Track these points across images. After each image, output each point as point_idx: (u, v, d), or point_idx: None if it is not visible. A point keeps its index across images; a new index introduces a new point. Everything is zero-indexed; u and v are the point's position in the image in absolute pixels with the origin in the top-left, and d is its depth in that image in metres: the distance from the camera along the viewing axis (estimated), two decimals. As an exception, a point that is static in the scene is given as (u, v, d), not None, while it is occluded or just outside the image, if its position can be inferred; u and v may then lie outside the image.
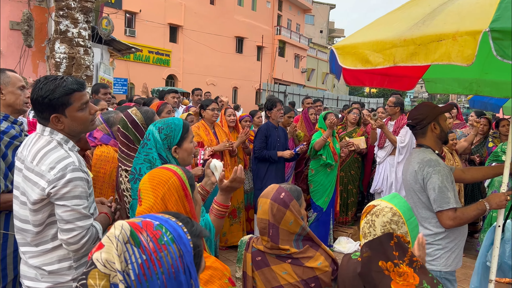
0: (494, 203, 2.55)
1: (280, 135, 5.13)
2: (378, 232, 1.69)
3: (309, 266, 1.84)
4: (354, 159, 6.08)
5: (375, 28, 2.62)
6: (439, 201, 2.47)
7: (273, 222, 1.84)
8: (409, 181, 2.64)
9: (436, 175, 2.49)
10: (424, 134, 2.70)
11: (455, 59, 1.94)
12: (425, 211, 2.58)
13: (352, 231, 5.79)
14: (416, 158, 2.62)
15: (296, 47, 37.76)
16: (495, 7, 1.95)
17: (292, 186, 1.96)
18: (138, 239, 0.90)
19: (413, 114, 2.74)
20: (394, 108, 5.75)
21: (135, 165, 2.14)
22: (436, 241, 2.57)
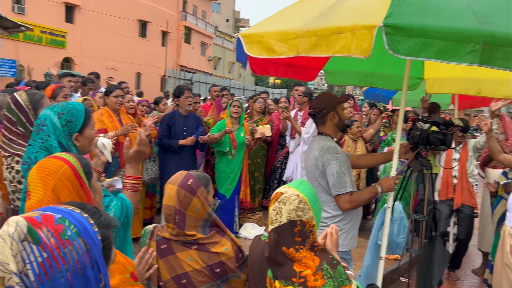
0: (385, 186, 2.80)
1: (188, 124, 5.02)
2: (284, 219, 1.73)
3: (214, 251, 1.84)
4: (260, 147, 6.22)
5: (280, 18, 2.68)
6: (337, 185, 2.61)
7: (180, 209, 1.81)
8: (310, 167, 2.76)
9: (335, 161, 2.63)
10: (324, 123, 2.83)
11: (354, 52, 2.06)
12: (325, 195, 2.72)
13: (257, 217, 5.93)
14: (317, 145, 2.75)
15: (203, 34, 37.37)
16: (388, 4, 2.10)
17: (200, 173, 1.95)
18: (37, 236, 0.83)
19: (314, 104, 2.86)
20: (302, 98, 5.96)
21: (29, 153, 1.94)
22: (334, 223, 2.71)
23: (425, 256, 3.19)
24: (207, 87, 30.59)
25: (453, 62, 1.99)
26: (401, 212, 3.28)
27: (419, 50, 1.97)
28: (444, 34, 1.97)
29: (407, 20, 2.01)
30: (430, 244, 3.20)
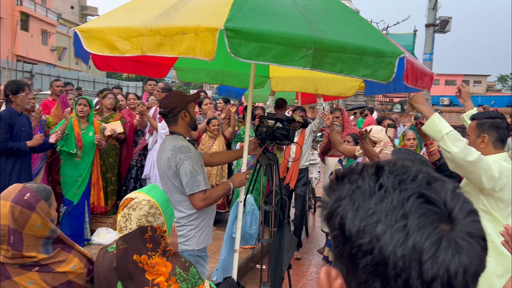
0: (236, 181, 2.91)
1: (25, 124, 4.49)
2: (134, 226, 1.67)
3: (60, 271, 1.70)
4: (112, 146, 5.87)
5: (122, 14, 2.54)
6: (190, 184, 2.62)
7: (15, 227, 1.61)
8: (163, 168, 2.72)
9: (187, 160, 2.63)
10: (176, 122, 2.79)
11: (199, 54, 2.07)
12: (179, 195, 2.70)
13: (111, 221, 5.62)
14: (169, 145, 2.71)
15: (43, 22, 33.65)
16: (229, 7, 2.16)
17: (40, 185, 1.75)
18: None
19: (164, 103, 2.80)
20: (161, 94, 5.80)
21: None
22: (189, 222, 2.73)
23: (275, 244, 3.42)
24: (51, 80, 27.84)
25: (288, 66, 2.14)
26: (253, 204, 3.45)
27: (258, 54, 2.07)
28: (280, 39, 2.11)
29: (247, 24, 2.09)
30: (279, 232, 3.44)
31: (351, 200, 0.61)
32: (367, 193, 0.60)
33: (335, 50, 2.20)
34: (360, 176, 0.63)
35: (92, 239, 5.15)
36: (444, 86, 52.35)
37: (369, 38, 2.37)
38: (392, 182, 0.60)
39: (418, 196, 0.57)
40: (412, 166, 0.63)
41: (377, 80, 2.26)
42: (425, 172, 0.62)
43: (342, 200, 0.62)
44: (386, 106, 22.92)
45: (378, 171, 0.63)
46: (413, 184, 0.59)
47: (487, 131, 2.51)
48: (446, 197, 0.58)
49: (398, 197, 0.58)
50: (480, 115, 2.63)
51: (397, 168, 0.62)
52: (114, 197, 6.03)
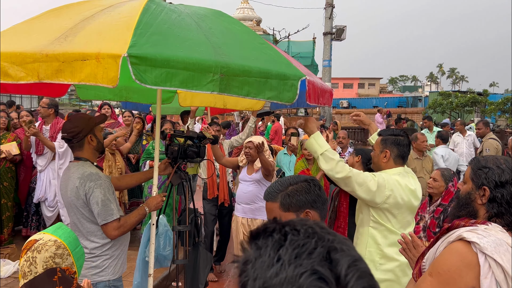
0: (152, 205, 2.83)
1: None
2: (39, 269, 1.57)
3: None
4: (7, 169, 5.37)
5: (13, 37, 2.35)
6: (103, 214, 2.50)
7: None
8: (70, 197, 2.55)
9: (98, 188, 2.51)
10: (82, 147, 2.66)
11: (101, 81, 1.99)
12: (90, 225, 2.57)
13: (9, 250, 5.13)
14: (76, 173, 2.56)
15: None
16: (131, 32, 2.11)
17: None
18: None
19: (68, 127, 2.64)
20: (48, 110, 5.41)
21: None
22: (104, 252, 2.60)
23: (190, 263, 3.39)
24: None
25: (197, 90, 2.15)
26: (166, 225, 3.38)
27: (165, 80, 2.05)
28: (186, 64, 2.11)
29: (151, 50, 2.06)
30: (194, 251, 3.42)
31: (253, 267, 0.62)
32: (265, 264, 0.61)
33: (241, 74, 2.26)
34: (265, 241, 0.65)
35: (-13, 273, 4.65)
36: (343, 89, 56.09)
37: (273, 61, 2.47)
38: (290, 255, 0.61)
39: (311, 273, 0.58)
40: (316, 233, 0.65)
41: (281, 102, 2.37)
42: (328, 241, 0.63)
43: (247, 265, 0.64)
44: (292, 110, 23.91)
45: (281, 239, 0.64)
46: (308, 258, 0.60)
47: (390, 147, 2.73)
48: (341, 272, 0.59)
49: (292, 273, 0.59)
50: (385, 132, 2.86)
51: (298, 239, 0.64)
52: (11, 224, 5.51)
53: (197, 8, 2.83)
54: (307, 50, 21.80)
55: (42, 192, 5.39)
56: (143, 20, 2.22)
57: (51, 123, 5.39)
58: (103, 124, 3.42)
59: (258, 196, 4.28)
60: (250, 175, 4.38)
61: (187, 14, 2.58)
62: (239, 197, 4.41)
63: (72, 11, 2.52)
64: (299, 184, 1.65)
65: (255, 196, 4.30)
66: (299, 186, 1.64)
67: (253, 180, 4.34)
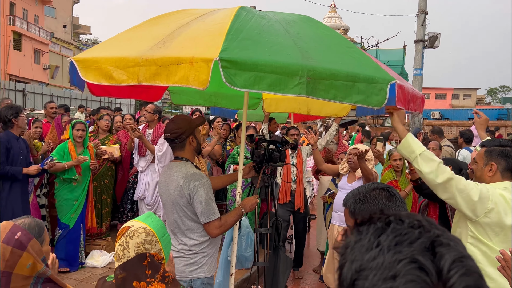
0: (248, 206, 2.86)
1: (22, 147, 4.49)
2: (132, 254, 1.67)
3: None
4: (108, 168, 5.87)
5: (118, 44, 2.58)
6: (206, 213, 2.56)
7: (5, 269, 1.57)
8: (173, 196, 2.62)
9: (202, 188, 2.56)
10: (183, 147, 2.72)
11: (193, 83, 2.10)
12: (191, 223, 2.63)
13: (105, 243, 5.58)
14: (179, 172, 2.62)
15: (36, 41, 33.74)
16: (223, 37, 2.21)
17: (31, 220, 1.70)
18: None
19: (171, 128, 2.71)
20: (152, 116, 5.83)
21: None
22: (202, 249, 2.66)
23: (270, 266, 3.42)
24: (43, 99, 27.76)
25: (284, 93, 2.19)
26: (248, 227, 3.45)
27: (253, 83, 2.11)
28: (274, 68, 2.15)
29: (241, 54, 2.14)
30: (274, 254, 3.45)
31: (352, 250, 0.63)
32: (364, 248, 0.62)
33: (328, 77, 2.25)
34: (368, 227, 0.65)
35: (86, 262, 5.10)
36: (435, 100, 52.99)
37: (361, 65, 2.43)
38: (390, 241, 0.60)
39: (410, 261, 0.57)
40: (422, 225, 0.63)
41: (369, 106, 2.31)
42: (433, 234, 0.61)
43: (346, 249, 0.65)
44: (378, 121, 23.07)
45: (384, 227, 0.64)
46: (409, 247, 0.59)
47: (496, 160, 2.43)
48: (444, 266, 0.56)
49: (390, 258, 0.58)
50: (489, 143, 2.54)
51: (401, 227, 0.62)
52: (109, 219, 6.00)
53: (286, 15, 2.88)
54: (396, 58, 21.02)
55: (142, 191, 5.82)
56: (234, 26, 2.32)
57: (154, 128, 5.81)
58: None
59: None
60: (351, 183, 4.26)
61: (276, 20, 2.63)
62: (337, 205, 4.30)
63: (170, 20, 2.71)
64: (370, 192, 1.59)
65: None
66: (369, 194, 1.58)
67: (353, 188, 4.21)
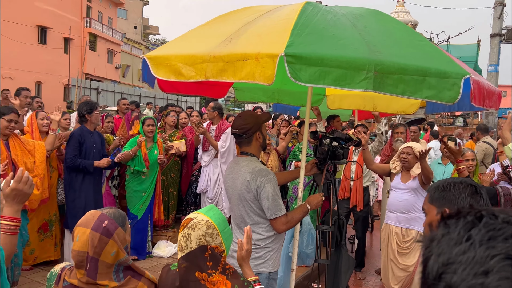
0: (313, 203, 2.82)
1: (96, 141, 4.76)
2: (194, 245, 1.72)
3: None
4: (175, 162, 6.12)
5: (186, 41, 2.68)
6: (273, 208, 2.55)
7: (93, 255, 1.66)
8: (240, 190, 2.64)
9: (269, 184, 2.56)
10: (250, 143, 2.72)
11: (259, 79, 2.13)
12: (257, 218, 2.63)
13: (171, 234, 5.81)
14: (246, 168, 2.64)
15: (109, 41, 35.84)
16: (288, 33, 2.21)
17: (115, 210, 1.79)
18: None
19: (238, 123, 2.72)
20: (212, 113, 5.99)
21: None
22: (267, 244, 2.66)
23: (332, 264, 3.38)
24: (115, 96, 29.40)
25: (349, 88, 2.15)
26: (309, 224, 3.44)
27: (318, 78, 2.10)
28: (340, 62, 2.12)
29: (306, 49, 2.13)
30: (336, 253, 3.40)
31: (438, 243, 0.61)
32: (453, 241, 0.59)
33: (397, 72, 2.18)
34: (456, 221, 0.63)
35: (153, 251, 5.35)
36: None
37: (432, 59, 2.33)
38: (482, 236, 0.58)
39: (505, 257, 0.54)
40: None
41: (441, 101, 2.21)
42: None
43: (432, 242, 0.62)
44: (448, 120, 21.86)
45: (475, 221, 0.61)
46: (504, 242, 0.56)
47: None
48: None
49: (483, 253, 0.55)
50: None
51: (495, 222, 0.60)
52: (175, 211, 6.25)
53: (353, 9, 2.82)
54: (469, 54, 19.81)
55: (204, 184, 6.01)
56: (300, 22, 2.31)
57: (218, 124, 5.97)
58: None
59: (414, 205, 4.00)
60: (405, 183, 4.12)
61: (342, 14, 2.59)
62: (392, 205, 4.18)
63: (236, 17, 2.76)
64: (456, 184, 1.58)
65: (411, 205, 4.03)
66: (454, 184, 1.58)
67: (408, 188, 4.06)
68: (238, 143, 2.81)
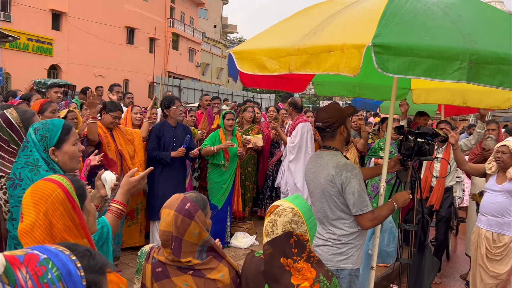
0: (400, 201, 2.72)
1: (177, 135, 4.96)
2: (279, 231, 1.75)
3: (211, 277, 1.81)
4: (251, 156, 6.26)
5: (270, 36, 2.72)
6: (359, 204, 2.50)
7: (177, 235, 1.78)
8: (324, 185, 2.60)
9: (355, 179, 2.51)
10: (334, 137, 2.69)
11: (343, 70, 2.10)
12: (340, 213, 2.60)
13: (248, 226, 5.94)
14: (330, 162, 2.60)
15: (190, 40, 37.37)
16: (376, 23, 2.15)
17: (197, 194, 1.90)
18: (14, 277, 0.79)
19: (323, 117, 2.68)
20: (289, 108, 6.02)
21: (15, 170, 1.95)
22: (350, 240, 2.61)
23: (414, 265, 3.25)
24: (195, 93, 30.60)
25: (441, 79, 2.05)
26: (391, 221, 3.33)
27: (407, 69, 2.02)
28: (431, 52, 2.03)
29: (395, 39, 2.06)
30: (419, 253, 3.26)
31: None
32: None
33: (494, 61, 2.04)
34: None
35: (231, 242, 5.51)
36: None
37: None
38: None
39: None
40: None
41: (545, 94, 2.03)
42: None
43: None
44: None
45: None
46: None
47: None
48: None
49: None
50: None
51: None
52: (251, 204, 6.38)
53: (444, -4, 2.67)
54: None
55: (280, 178, 6.07)
56: (387, 11, 2.24)
57: (293, 120, 5.99)
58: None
59: (508, 209, 3.69)
60: (500, 184, 3.83)
61: (433, 3, 2.47)
62: (484, 208, 3.91)
63: (320, 10, 2.75)
64: None
65: (504, 209, 3.73)
66: None
67: (503, 190, 3.76)
68: (321, 137, 2.77)
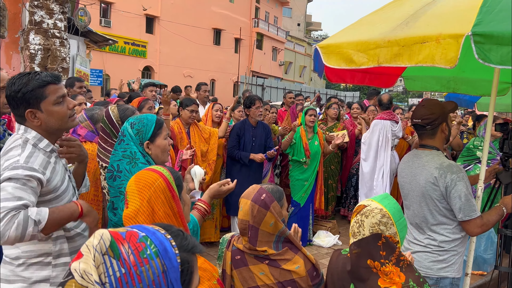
0: (509, 206, 2.48)
1: (257, 135, 5.00)
2: (366, 232, 1.69)
3: (286, 268, 1.83)
4: (335, 154, 6.16)
5: (358, 28, 2.65)
6: (466, 209, 2.33)
7: (253, 224, 1.83)
8: (424, 187, 2.46)
9: (461, 181, 2.35)
10: (434, 135, 2.52)
11: (439, 62, 1.98)
12: (442, 218, 2.45)
13: (331, 225, 5.87)
14: (432, 162, 2.45)
15: (274, 40, 37.75)
16: (476, 10, 2.00)
17: (273, 186, 1.94)
18: (118, 251, 0.85)
19: (422, 113, 2.51)
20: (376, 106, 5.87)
21: (112, 162, 2.09)
22: (453, 247, 2.46)
23: (516, 274, 2.97)
24: (278, 92, 30.88)
25: (552, 70, 1.85)
26: (489, 226, 3.08)
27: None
28: (541, 40, 1.84)
29: (498, 27, 1.90)
30: (522, 262, 2.98)
31: None
32: None
33: None
34: None
35: (313, 240, 5.49)
36: None
37: None
38: None
39: None
40: None
41: None
42: None
43: None
44: None
45: None
46: None
47: None
48: None
49: None
50: None
51: None
52: (334, 203, 6.29)
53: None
54: None
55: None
56: (490, -3, 2.07)
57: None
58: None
59: None
60: None
61: (543, -14, 2.23)
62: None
63: (413, 0, 2.62)
64: None
65: None
66: None
67: None
68: (419, 135, 2.59)
